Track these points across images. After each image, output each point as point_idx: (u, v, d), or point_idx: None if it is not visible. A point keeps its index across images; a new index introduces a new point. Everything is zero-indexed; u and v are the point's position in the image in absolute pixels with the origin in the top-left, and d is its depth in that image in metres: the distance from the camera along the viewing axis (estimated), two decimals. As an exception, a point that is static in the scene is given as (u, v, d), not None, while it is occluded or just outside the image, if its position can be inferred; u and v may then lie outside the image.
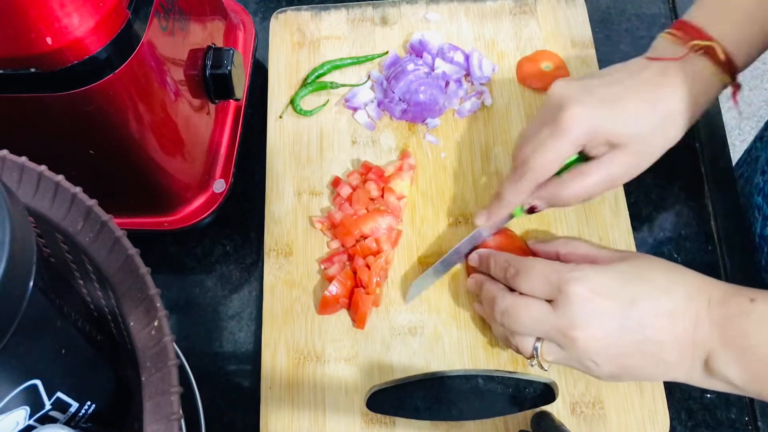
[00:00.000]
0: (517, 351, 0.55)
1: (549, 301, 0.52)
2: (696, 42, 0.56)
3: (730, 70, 0.56)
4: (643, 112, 0.55)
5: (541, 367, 0.54)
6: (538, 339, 0.53)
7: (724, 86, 0.57)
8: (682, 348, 0.50)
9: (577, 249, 0.57)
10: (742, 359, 0.48)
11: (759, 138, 0.77)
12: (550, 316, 0.52)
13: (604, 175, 0.56)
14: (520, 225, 0.66)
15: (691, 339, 0.49)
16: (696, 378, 0.51)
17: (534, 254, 0.61)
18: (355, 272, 0.63)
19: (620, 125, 0.55)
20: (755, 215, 0.68)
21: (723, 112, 0.73)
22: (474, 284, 0.60)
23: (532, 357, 0.54)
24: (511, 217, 0.62)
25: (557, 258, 0.58)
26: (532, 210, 0.60)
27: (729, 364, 0.48)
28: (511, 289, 0.55)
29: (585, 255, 0.56)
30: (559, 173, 0.58)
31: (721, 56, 0.55)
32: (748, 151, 0.80)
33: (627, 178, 0.57)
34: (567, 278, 0.51)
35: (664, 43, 0.58)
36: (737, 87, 0.58)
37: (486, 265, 0.59)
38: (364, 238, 0.64)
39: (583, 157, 0.58)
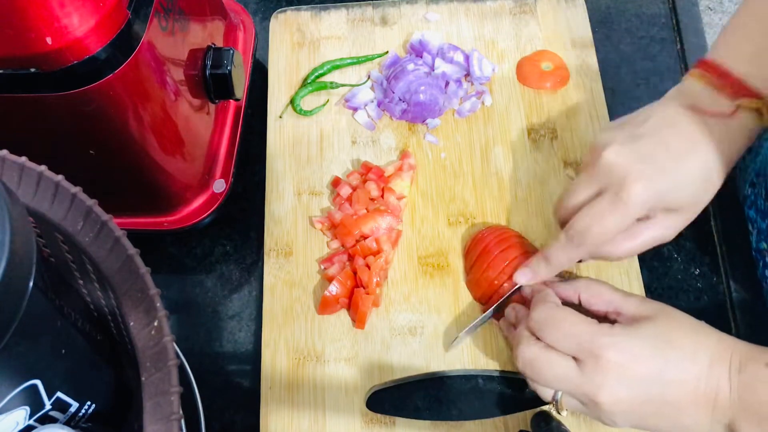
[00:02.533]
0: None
1: (574, 358, 0.52)
2: (745, 100, 0.54)
3: None
4: (698, 176, 0.54)
5: (558, 413, 0.54)
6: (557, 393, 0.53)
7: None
8: (700, 412, 0.49)
9: (600, 294, 0.56)
10: (764, 424, 0.48)
11: (748, 150, 0.77)
12: (576, 376, 0.51)
13: (657, 235, 0.56)
14: (520, 227, 0.66)
15: (711, 404, 0.49)
16: None
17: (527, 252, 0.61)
18: (355, 272, 0.63)
19: (680, 194, 0.54)
20: (749, 229, 0.68)
21: (723, 112, 0.73)
22: (509, 313, 0.60)
23: (550, 403, 0.54)
24: None
25: (578, 300, 0.57)
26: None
27: (751, 430, 0.48)
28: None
29: (609, 302, 0.55)
30: None
31: (766, 113, 0.54)
32: (741, 159, 0.80)
33: (673, 236, 0.57)
34: (600, 343, 0.50)
35: (697, 87, 0.56)
36: None
37: (531, 302, 0.58)
38: (364, 238, 0.64)
39: None
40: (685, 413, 0.50)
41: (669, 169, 0.53)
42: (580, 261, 0.60)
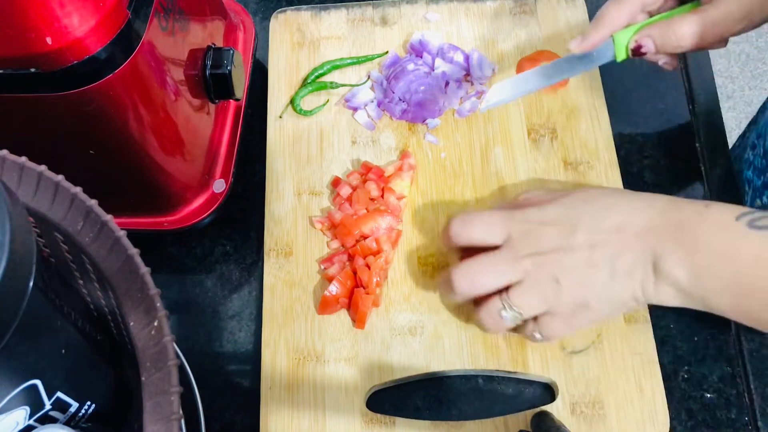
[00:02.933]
0: (500, 328, 0.56)
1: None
2: None
3: None
4: None
5: (533, 337, 0.55)
6: (502, 294, 0.54)
7: None
8: (634, 254, 0.50)
9: (531, 196, 0.58)
10: (691, 258, 0.48)
11: (753, 122, 0.78)
12: (499, 256, 0.53)
13: (725, 12, 0.54)
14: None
15: (640, 246, 0.50)
16: (649, 289, 0.51)
17: None
18: (355, 272, 0.63)
19: None
20: (745, 189, 0.68)
21: (723, 112, 0.73)
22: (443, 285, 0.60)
23: (518, 328, 0.55)
24: (613, 60, 0.58)
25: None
26: (637, 50, 0.57)
27: (677, 265, 0.49)
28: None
29: (539, 200, 0.57)
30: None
31: None
32: (741, 137, 0.81)
33: (739, 26, 0.55)
34: (510, 218, 0.53)
35: None
36: None
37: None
38: (364, 238, 0.64)
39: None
40: (619, 260, 0.51)
41: None
42: (640, 50, 0.57)
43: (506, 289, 0.54)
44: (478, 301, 0.57)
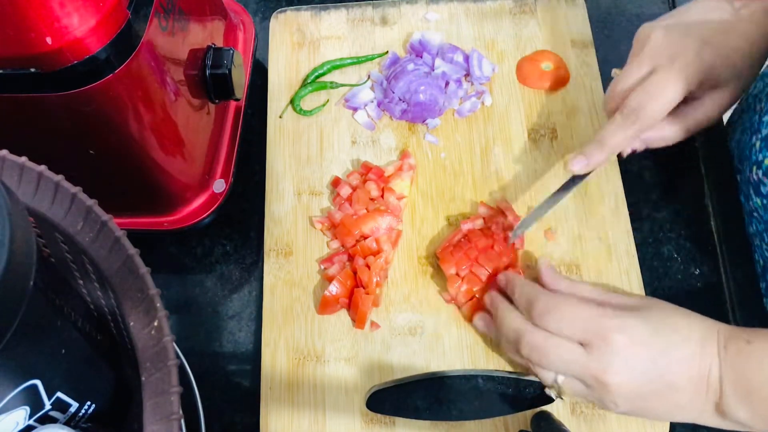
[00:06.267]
0: (531, 373, 0.56)
1: (580, 342, 0.52)
2: None
3: None
4: (740, 48, 0.57)
5: (559, 397, 0.54)
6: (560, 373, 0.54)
7: None
8: (695, 391, 0.51)
9: (582, 293, 0.57)
10: (748, 400, 0.49)
11: (730, 138, 0.77)
12: (583, 359, 0.52)
13: (706, 112, 0.59)
14: (526, 234, 0.66)
15: (705, 381, 0.51)
16: (707, 419, 0.52)
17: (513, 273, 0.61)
18: (355, 272, 0.63)
19: (726, 67, 0.56)
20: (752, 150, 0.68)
21: (723, 112, 0.74)
22: (489, 302, 0.60)
23: (551, 387, 0.55)
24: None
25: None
26: (631, 154, 0.62)
27: (738, 406, 0.50)
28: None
29: (591, 292, 0.57)
30: None
31: None
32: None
33: (720, 116, 0.59)
34: (608, 325, 0.52)
35: None
36: None
37: (511, 289, 0.58)
38: (364, 238, 0.64)
39: None
40: (682, 393, 0.51)
41: (715, 42, 0.56)
42: (633, 153, 0.62)
43: None
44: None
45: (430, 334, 0.62)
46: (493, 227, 0.64)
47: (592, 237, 0.65)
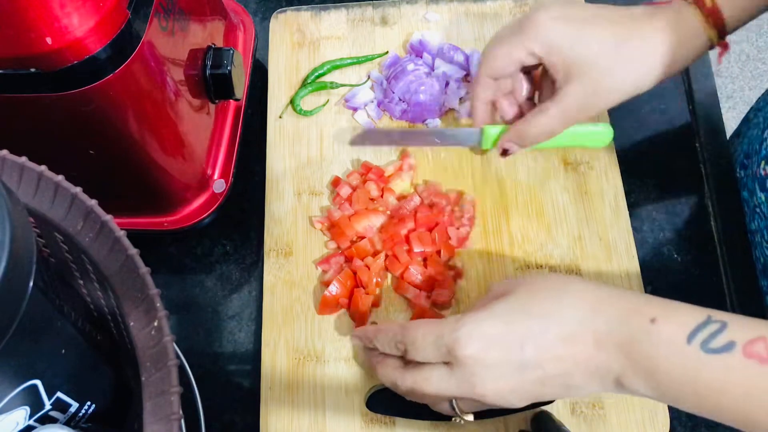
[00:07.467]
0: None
1: (447, 362, 0.50)
2: None
3: (717, 25, 0.55)
4: (610, 43, 0.55)
5: (463, 420, 0.53)
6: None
7: (711, 45, 0.57)
8: (587, 372, 0.47)
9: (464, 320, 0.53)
10: (651, 379, 0.46)
11: (736, 135, 0.77)
12: (451, 382, 0.49)
13: (560, 108, 0.57)
14: (520, 228, 0.66)
15: (594, 363, 0.47)
16: (611, 390, 0.49)
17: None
18: (354, 272, 0.63)
19: (579, 47, 0.55)
20: (744, 210, 0.68)
21: (723, 112, 0.73)
22: (367, 362, 0.59)
23: (455, 415, 0.53)
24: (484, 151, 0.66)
25: None
26: (505, 153, 0.63)
27: (640, 384, 0.46)
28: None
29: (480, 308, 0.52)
30: None
31: (708, 3, 0.55)
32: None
33: (583, 114, 0.58)
34: (452, 340, 0.49)
35: None
36: (725, 47, 0.57)
37: (372, 343, 0.56)
38: (361, 239, 0.64)
39: None
40: (571, 377, 0.48)
41: (578, 21, 0.56)
42: (506, 153, 0.63)
43: None
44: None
45: (430, 334, 0.62)
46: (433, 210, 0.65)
47: (593, 237, 0.65)
